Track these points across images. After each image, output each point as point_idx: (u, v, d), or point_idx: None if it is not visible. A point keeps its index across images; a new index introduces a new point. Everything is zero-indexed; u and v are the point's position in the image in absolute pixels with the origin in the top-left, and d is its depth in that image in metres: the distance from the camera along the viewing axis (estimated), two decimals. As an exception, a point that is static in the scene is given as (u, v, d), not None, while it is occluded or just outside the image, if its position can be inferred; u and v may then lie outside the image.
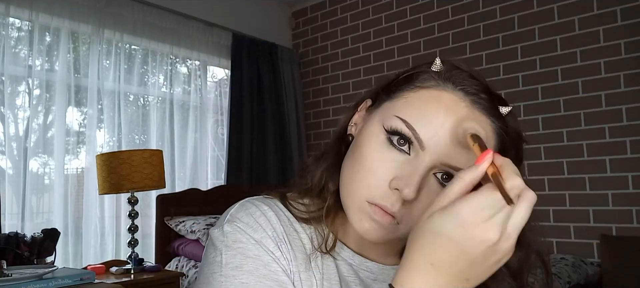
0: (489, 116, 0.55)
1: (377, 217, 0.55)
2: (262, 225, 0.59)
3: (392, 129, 0.55)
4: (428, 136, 0.53)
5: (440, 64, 0.57)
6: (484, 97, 0.55)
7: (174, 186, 3.31)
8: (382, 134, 0.56)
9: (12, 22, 2.69)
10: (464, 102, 0.54)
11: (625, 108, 2.79)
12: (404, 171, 0.54)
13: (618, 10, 2.82)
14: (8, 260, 1.93)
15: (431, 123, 0.53)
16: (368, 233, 0.56)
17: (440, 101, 0.54)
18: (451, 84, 0.55)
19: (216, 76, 3.90)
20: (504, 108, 0.56)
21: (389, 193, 0.54)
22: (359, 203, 0.56)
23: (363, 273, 0.63)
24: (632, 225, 2.75)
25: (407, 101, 0.56)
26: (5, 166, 2.64)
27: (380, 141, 0.56)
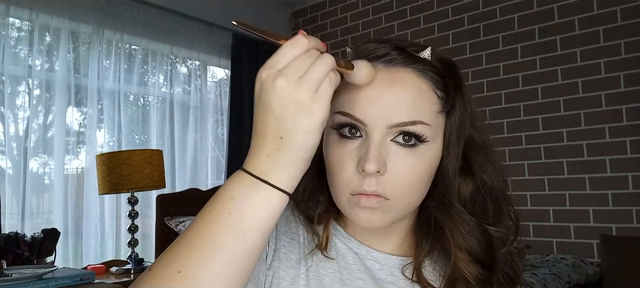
0: (407, 66, 0.57)
1: (363, 203, 0.56)
2: None
3: (336, 124, 0.58)
4: (363, 113, 0.56)
5: (350, 52, 0.60)
6: (394, 54, 0.57)
7: (174, 186, 3.31)
8: (334, 134, 0.59)
9: (12, 22, 2.69)
10: (378, 67, 0.57)
11: (625, 108, 2.79)
12: (361, 152, 0.56)
13: (618, 10, 2.82)
14: (8, 260, 1.93)
15: (360, 101, 0.56)
16: (368, 222, 0.58)
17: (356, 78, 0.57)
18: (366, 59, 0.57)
19: (216, 76, 3.90)
20: (424, 52, 0.58)
21: (360, 177, 0.56)
22: (346, 200, 0.58)
23: (369, 263, 0.65)
24: (632, 225, 2.75)
25: (336, 95, 0.58)
26: (5, 166, 2.64)
27: (335, 141, 0.59)
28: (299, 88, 0.44)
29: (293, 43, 0.45)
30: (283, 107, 0.45)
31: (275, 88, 0.44)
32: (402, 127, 0.56)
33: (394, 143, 0.57)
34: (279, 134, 0.45)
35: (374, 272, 0.64)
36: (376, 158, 0.55)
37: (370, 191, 0.56)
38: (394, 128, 0.56)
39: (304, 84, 0.44)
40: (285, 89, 0.44)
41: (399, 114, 0.55)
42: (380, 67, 0.57)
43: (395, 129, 0.56)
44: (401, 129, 0.56)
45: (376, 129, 0.56)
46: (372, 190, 0.56)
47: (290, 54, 0.45)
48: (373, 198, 0.56)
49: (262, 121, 0.46)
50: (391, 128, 0.56)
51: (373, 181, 0.56)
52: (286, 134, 0.45)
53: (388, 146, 0.56)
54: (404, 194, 0.57)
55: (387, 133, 0.56)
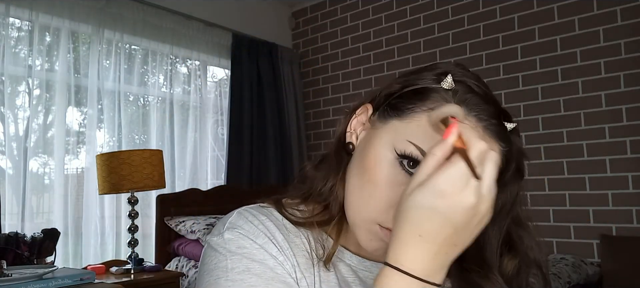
0: (498, 142, 0.56)
1: (386, 238, 0.55)
2: (263, 232, 0.60)
3: (406, 154, 0.55)
4: None
5: (451, 82, 0.56)
6: (494, 123, 0.56)
7: (174, 186, 3.31)
8: (392, 155, 0.56)
9: (12, 22, 2.69)
10: (476, 128, 0.55)
11: (625, 108, 2.79)
12: None
13: (618, 10, 2.82)
14: (8, 260, 1.93)
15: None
16: (377, 251, 0.57)
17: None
18: (465, 109, 0.55)
19: (216, 76, 3.90)
20: (509, 124, 0.57)
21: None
22: (368, 225, 0.57)
23: (362, 273, 0.64)
24: (632, 225, 2.75)
25: (419, 125, 0.56)
26: (5, 166, 2.64)
27: (390, 164, 0.56)
28: (482, 203, 0.45)
29: (492, 158, 0.45)
30: (466, 220, 0.45)
31: (462, 203, 0.44)
32: None
33: None
34: (454, 243, 0.46)
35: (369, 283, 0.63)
36: None
37: None
38: None
39: (486, 196, 0.45)
40: (471, 205, 0.44)
41: None
42: (479, 131, 0.54)
43: None
44: None
45: None
46: None
47: (460, 170, 0.44)
48: None
49: (436, 229, 0.45)
50: None
51: None
52: (461, 243, 0.46)
53: None
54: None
55: None
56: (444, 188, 0.44)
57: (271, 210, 0.64)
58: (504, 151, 0.56)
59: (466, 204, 0.44)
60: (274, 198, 0.66)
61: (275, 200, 0.65)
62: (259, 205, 0.65)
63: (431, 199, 0.44)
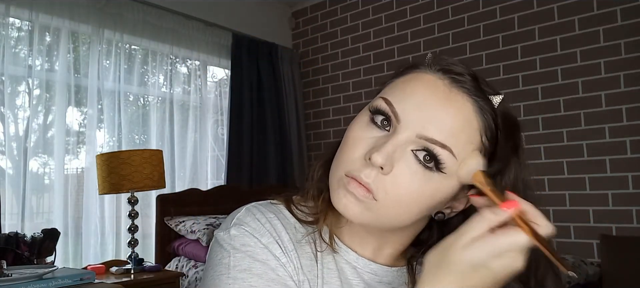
0: (471, 95, 0.56)
1: (351, 188, 0.55)
2: (269, 231, 0.60)
3: (374, 107, 0.58)
4: (403, 109, 0.55)
5: (430, 56, 0.60)
6: (467, 78, 0.56)
7: (174, 186, 3.31)
8: (366, 116, 0.59)
9: (12, 22, 2.69)
10: (443, 81, 0.56)
11: (625, 108, 2.79)
12: (379, 142, 0.55)
13: (618, 10, 2.82)
14: (8, 260, 1.93)
15: (408, 99, 0.56)
16: (346, 209, 0.56)
17: (420, 79, 0.57)
18: (434, 66, 0.58)
19: (216, 76, 3.90)
20: (495, 97, 0.57)
21: (363, 164, 0.55)
22: (338, 177, 0.57)
23: (367, 276, 0.64)
24: (632, 225, 2.75)
25: (393, 85, 0.60)
26: (5, 166, 2.64)
27: (363, 122, 0.58)
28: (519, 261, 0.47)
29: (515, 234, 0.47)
30: (506, 276, 0.47)
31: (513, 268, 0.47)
32: (430, 143, 0.54)
33: (412, 154, 0.55)
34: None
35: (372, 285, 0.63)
36: (388, 154, 0.53)
37: (364, 181, 0.54)
38: (422, 140, 0.54)
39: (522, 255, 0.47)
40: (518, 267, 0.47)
41: (435, 131, 0.54)
42: (446, 82, 0.56)
43: (422, 142, 0.54)
44: (428, 145, 0.54)
45: (405, 131, 0.55)
46: (366, 181, 0.54)
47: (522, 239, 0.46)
48: (362, 189, 0.55)
49: (479, 282, 0.47)
50: (420, 139, 0.54)
51: (372, 174, 0.54)
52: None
53: (406, 152, 0.55)
54: (393, 204, 0.55)
55: (413, 141, 0.54)
56: (505, 250, 0.46)
57: (280, 208, 0.64)
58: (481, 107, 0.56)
59: (516, 266, 0.47)
60: (284, 196, 0.66)
61: (286, 198, 0.66)
62: (269, 201, 0.65)
63: (489, 258, 0.46)
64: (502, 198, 0.48)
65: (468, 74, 0.57)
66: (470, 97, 0.56)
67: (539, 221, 0.47)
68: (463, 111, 0.55)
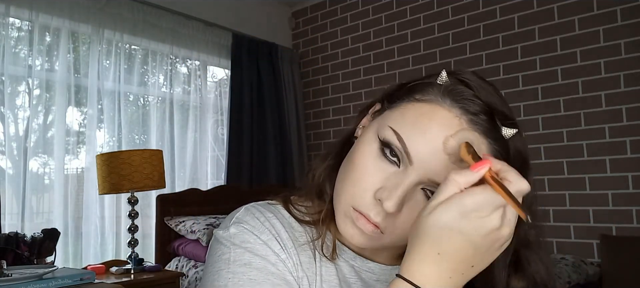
0: (486, 137, 0.53)
1: (359, 224, 0.56)
2: (268, 228, 0.60)
3: (385, 140, 0.55)
4: (417, 151, 0.53)
5: (445, 77, 0.55)
6: (483, 118, 0.53)
7: (174, 186, 3.31)
8: (376, 143, 0.56)
9: (12, 22, 2.69)
10: (459, 120, 0.53)
11: (625, 108, 2.79)
12: (390, 183, 0.54)
13: (618, 10, 2.82)
14: (8, 260, 1.93)
15: (422, 138, 0.53)
16: (352, 238, 0.57)
17: (433, 116, 0.53)
18: (450, 100, 0.54)
19: (216, 76, 3.90)
20: (507, 130, 0.54)
21: (373, 202, 0.55)
22: (344, 208, 0.57)
23: (365, 274, 0.64)
24: (632, 225, 2.75)
25: (403, 112, 0.56)
26: (5, 166, 2.64)
27: (372, 150, 0.56)
28: (505, 226, 0.45)
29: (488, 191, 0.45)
30: (488, 243, 0.45)
31: (487, 226, 0.44)
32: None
33: (422, 192, 0.54)
34: (472, 264, 0.46)
35: (370, 284, 0.64)
36: (400, 201, 0.53)
37: (373, 220, 0.55)
38: (433, 183, 0.53)
39: (510, 221, 0.45)
40: (495, 228, 0.44)
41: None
42: (462, 121, 0.53)
43: (433, 184, 0.53)
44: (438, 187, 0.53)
45: (417, 173, 0.53)
46: (376, 220, 0.55)
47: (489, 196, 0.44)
48: (371, 226, 0.55)
49: (456, 249, 0.45)
50: (431, 181, 0.53)
51: (381, 214, 0.54)
52: (479, 265, 0.46)
53: (416, 192, 0.54)
54: (400, 236, 0.56)
55: (424, 182, 0.54)
56: (471, 209, 0.44)
57: (279, 208, 0.65)
58: (495, 150, 0.54)
59: (490, 227, 0.44)
60: (282, 196, 0.67)
61: (284, 198, 0.66)
62: (267, 202, 0.66)
63: (456, 218, 0.44)
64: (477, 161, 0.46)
65: (483, 112, 0.53)
66: (485, 140, 0.53)
67: (510, 178, 0.44)
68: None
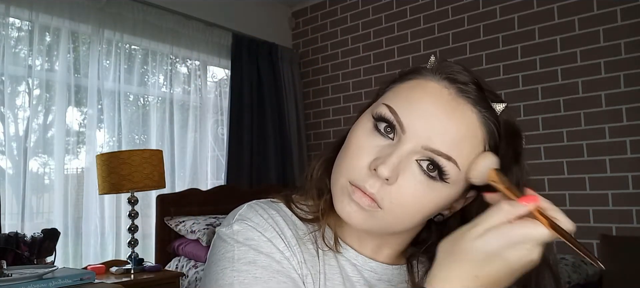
0: (475, 105, 0.56)
1: (356, 197, 0.56)
2: (272, 226, 0.60)
3: (378, 115, 0.57)
4: (409, 120, 0.55)
5: (433, 60, 0.59)
6: (471, 88, 0.56)
7: (174, 186, 3.31)
8: (370, 123, 0.58)
9: (12, 22, 2.69)
10: (449, 90, 0.56)
11: (625, 108, 2.79)
12: (384, 153, 0.55)
13: (618, 10, 2.82)
14: (8, 260, 1.93)
15: (414, 108, 0.55)
16: (350, 217, 0.57)
17: (424, 88, 0.57)
18: (439, 74, 0.57)
19: (216, 76, 3.90)
20: (498, 105, 0.57)
21: (368, 174, 0.55)
22: (341, 184, 0.58)
23: (367, 273, 0.64)
24: (632, 225, 2.75)
25: (395, 91, 0.59)
26: (5, 166, 2.64)
27: (367, 129, 0.58)
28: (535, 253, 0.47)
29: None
30: (522, 269, 0.47)
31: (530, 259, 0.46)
32: (435, 155, 0.54)
33: (416, 164, 0.55)
34: (500, 286, 0.47)
35: (372, 283, 0.64)
36: (393, 166, 0.54)
37: (369, 191, 0.55)
38: (427, 151, 0.54)
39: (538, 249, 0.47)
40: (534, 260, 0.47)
41: (440, 142, 0.54)
42: (451, 91, 0.56)
43: (426, 153, 0.54)
44: (432, 156, 0.54)
45: (410, 142, 0.55)
46: (371, 191, 0.55)
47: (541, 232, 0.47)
48: (367, 199, 0.55)
49: (494, 274, 0.46)
50: (424, 150, 0.54)
51: (377, 184, 0.55)
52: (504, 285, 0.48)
53: (410, 163, 0.55)
54: (397, 212, 0.56)
55: (418, 151, 0.55)
56: (519, 241, 0.45)
57: (281, 206, 0.65)
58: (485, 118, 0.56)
59: (531, 259, 0.46)
60: (283, 194, 0.67)
61: (285, 196, 0.66)
62: (269, 200, 0.66)
63: (504, 247, 0.45)
64: (520, 194, 0.48)
65: (472, 82, 0.57)
66: (475, 108, 0.56)
67: (558, 217, 0.47)
68: (467, 123, 0.55)
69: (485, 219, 0.47)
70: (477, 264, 0.46)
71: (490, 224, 0.46)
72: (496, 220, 0.46)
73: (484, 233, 0.46)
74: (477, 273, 0.46)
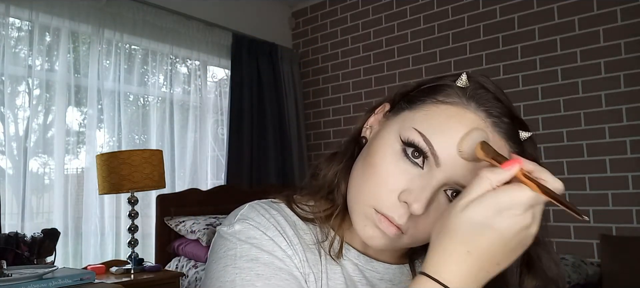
0: (508, 141, 0.55)
1: (382, 226, 0.55)
2: (273, 225, 0.60)
3: (409, 141, 0.55)
4: (445, 153, 0.53)
5: (466, 81, 0.56)
6: (506, 122, 0.55)
7: (174, 186, 3.31)
8: (398, 144, 0.56)
9: (12, 22, 2.69)
10: (485, 124, 0.54)
11: (625, 108, 2.79)
12: (415, 185, 0.53)
13: (618, 10, 2.82)
14: (8, 260, 1.93)
15: (450, 140, 0.53)
16: (371, 240, 0.57)
17: (461, 119, 0.54)
18: (474, 103, 0.55)
19: (216, 76, 3.90)
20: (523, 133, 0.56)
21: (397, 204, 0.54)
22: (365, 210, 0.56)
23: (369, 273, 0.64)
24: (632, 225, 2.75)
25: (428, 114, 0.56)
26: (5, 166, 2.64)
27: (394, 151, 0.56)
28: (533, 225, 0.45)
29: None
30: (518, 241, 0.45)
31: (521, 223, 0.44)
32: (463, 188, 0.52)
33: (444, 194, 0.54)
34: (498, 262, 0.45)
35: (374, 283, 0.64)
36: (427, 202, 0.52)
37: (397, 222, 0.54)
38: (457, 185, 0.53)
39: (538, 219, 0.46)
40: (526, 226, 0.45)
41: (471, 178, 0.52)
42: (487, 125, 0.54)
43: (457, 186, 0.53)
44: (461, 189, 0.53)
45: (443, 175, 0.53)
46: (399, 222, 0.54)
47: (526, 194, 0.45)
48: (394, 228, 0.55)
49: (487, 247, 0.44)
50: (456, 184, 0.53)
51: (405, 216, 0.54)
52: (503, 263, 0.46)
53: (440, 194, 0.54)
54: (419, 238, 0.56)
55: (449, 184, 0.53)
56: (506, 206, 0.44)
57: (282, 206, 0.64)
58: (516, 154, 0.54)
59: (523, 224, 0.44)
60: (285, 194, 0.66)
61: (286, 196, 0.66)
62: (270, 200, 0.66)
63: (490, 215, 0.44)
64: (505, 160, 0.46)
65: (505, 116, 0.55)
66: (507, 144, 0.55)
67: (545, 178, 0.45)
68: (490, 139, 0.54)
69: (468, 190, 0.45)
70: (467, 238, 0.44)
71: (473, 195, 0.45)
72: (479, 189, 0.45)
73: (467, 205, 0.44)
74: (469, 248, 0.44)
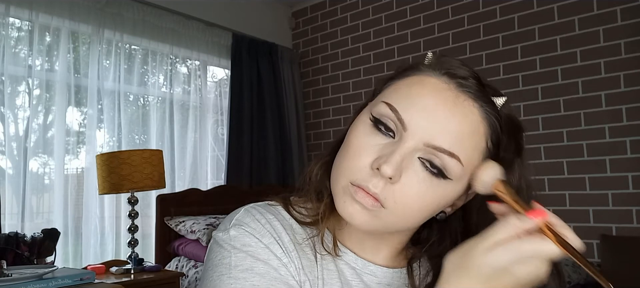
0: (476, 100, 0.55)
1: (359, 197, 0.55)
2: (269, 231, 0.59)
3: (377, 113, 0.56)
4: (410, 116, 0.54)
5: (430, 56, 0.59)
6: (471, 82, 0.56)
7: (174, 186, 3.31)
8: (369, 121, 0.57)
9: (12, 22, 2.69)
10: (449, 85, 0.55)
11: (625, 108, 2.79)
12: (386, 151, 0.54)
13: (618, 10, 2.82)
14: (8, 260, 1.93)
15: (414, 105, 0.55)
16: (353, 218, 0.56)
17: (424, 83, 0.56)
18: (438, 70, 0.57)
19: (216, 76, 3.90)
20: (498, 99, 0.57)
21: (370, 173, 0.55)
22: (343, 185, 0.57)
23: (366, 277, 0.63)
24: (632, 225, 2.75)
25: (393, 88, 0.58)
26: (5, 166, 2.64)
27: (366, 128, 0.57)
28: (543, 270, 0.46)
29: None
30: (530, 286, 0.47)
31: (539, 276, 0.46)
32: (438, 152, 0.53)
33: (419, 161, 0.54)
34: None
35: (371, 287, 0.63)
36: (397, 164, 0.53)
37: (372, 191, 0.54)
38: (429, 148, 0.54)
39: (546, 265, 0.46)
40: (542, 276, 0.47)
41: (443, 139, 0.53)
42: (452, 86, 0.55)
43: (429, 150, 0.54)
44: (435, 153, 0.54)
45: (412, 139, 0.54)
46: (375, 191, 0.54)
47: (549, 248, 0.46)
48: (370, 199, 0.54)
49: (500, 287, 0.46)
50: (427, 147, 0.54)
51: (380, 183, 0.54)
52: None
53: (413, 160, 0.54)
54: (401, 212, 0.55)
55: (420, 149, 0.54)
56: (528, 256, 0.45)
57: (279, 209, 0.64)
58: (487, 112, 0.56)
59: (539, 274, 0.46)
60: (281, 196, 0.66)
61: (283, 199, 0.66)
62: (266, 203, 0.65)
63: (513, 262, 0.45)
64: (528, 208, 0.47)
65: (472, 77, 0.56)
66: (476, 103, 0.55)
67: (567, 234, 0.46)
68: (470, 118, 0.55)
69: (493, 233, 0.46)
70: (485, 279, 0.46)
71: (498, 238, 0.46)
72: (505, 234, 0.46)
73: (493, 248, 0.46)
74: (486, 287, 0.46)
